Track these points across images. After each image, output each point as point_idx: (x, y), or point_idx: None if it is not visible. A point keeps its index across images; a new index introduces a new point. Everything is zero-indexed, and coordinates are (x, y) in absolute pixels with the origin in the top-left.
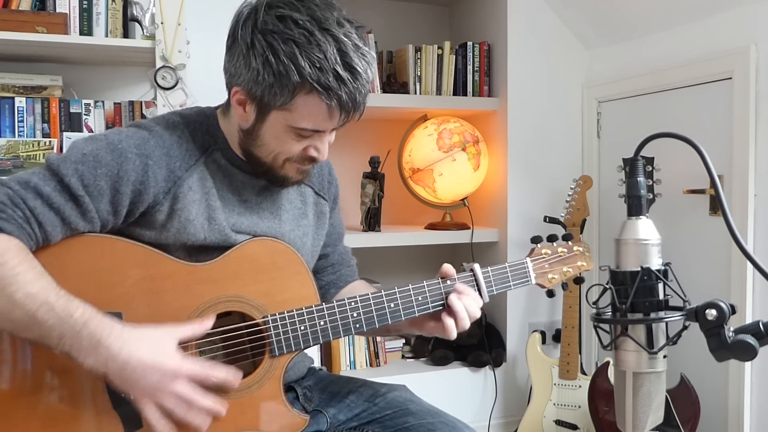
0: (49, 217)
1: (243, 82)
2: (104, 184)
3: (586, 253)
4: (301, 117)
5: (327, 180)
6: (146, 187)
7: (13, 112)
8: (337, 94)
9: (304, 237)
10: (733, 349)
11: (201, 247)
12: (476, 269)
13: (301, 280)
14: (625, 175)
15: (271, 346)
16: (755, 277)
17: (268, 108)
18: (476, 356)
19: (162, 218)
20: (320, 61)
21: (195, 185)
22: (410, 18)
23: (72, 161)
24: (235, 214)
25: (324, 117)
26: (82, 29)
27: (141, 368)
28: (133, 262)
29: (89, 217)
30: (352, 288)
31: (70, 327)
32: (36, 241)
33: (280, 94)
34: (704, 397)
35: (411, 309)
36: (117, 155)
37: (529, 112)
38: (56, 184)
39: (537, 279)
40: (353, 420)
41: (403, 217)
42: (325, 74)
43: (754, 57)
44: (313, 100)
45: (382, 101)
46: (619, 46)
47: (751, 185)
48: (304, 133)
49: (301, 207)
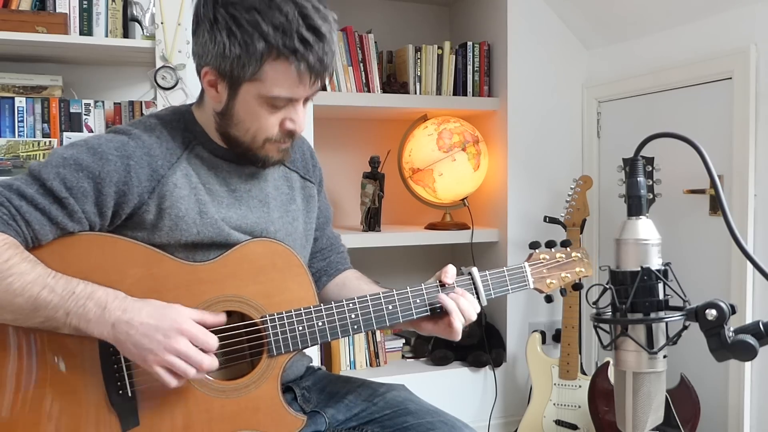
0: (35, 216)
1: (211, 60)
2: (87, 186)
3: (585, 259)
4: (273, 84)
5: (311, 163)
6: (130, 187)
7: (13, 112)
8: (305, 57)
9: (294, 222)
10: (733, 349)
11: (196, 244)
12: (474, 273)
13: (300, 281)
14: (625, 175)
15: (269, 346)
16: (755, 277)
17: (239, 81)
18: (476, 356)
19: (151, 218)
20: (282, 24)
21: (180, 182)
22: (410, 18)
23: (53, 165)
24: (225, 207)
25: (295, 82)
26: (82, 29)
27: (144, 327)
28: (134, 261)
29: (77, 217)
30: (344, 279)
31: (75, 301)
32: (24, 238)
33: (248, 64)
34: (704, 397)
35: (409, 312)
36: (98, 158)
37: (529, 112)
38: (38, 187)
39: (535, 284)
40: (352, 420)
41: (403, 217)
42: (289, 37)
43: (754, 57)
44: (281, 65)
45: (382, 101)
46: (619, 46)
47: (751, 185)
48: (278, 103)
49: (289, 192)
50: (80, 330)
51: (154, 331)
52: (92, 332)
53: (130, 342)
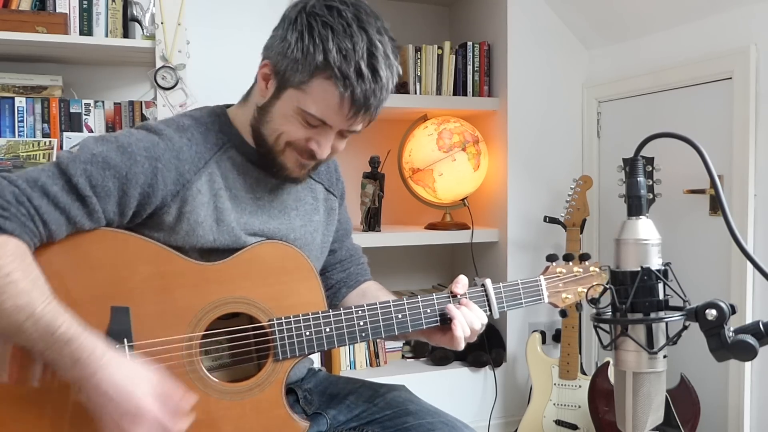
0: (54, 216)
1: (273, 54)
2: (112, 186)
3: (603, 275)
4: (313, 101)
5: (335, 177)
6: (154, 189)
7: (13, 112)
8: (353, 86)
9: (314, 233)
10: (733, 349)
11: (212, 249)
12: (488, 284)
13: (309, 285)
14: (625, 175)
15: (275, 350)
16: (755, 277)
17: (286, 84)
18: (476, 356)
19: (170, 220)
20: (347, 50)
21: (204, 188)
22: (410, 18)
23: (81, 161)
24: (247, 214)
25: (334, 107)
26: (82, 29)
27: (107, 397)
28: (145, 259)
29: (96, 217)
30: (363, 290)
31: (53, 343)
32: (40, 238)
33: (300, 71)
34: (704, 397)
35: (419, 321)
36: (126, 157)
37: (529, 112)
38: (64, 183)
39: (550, 298)
40: (353, 420)
41: (403, 217)
42: (347, 64)
43: (754, 57)
44: (328, 86)
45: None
46: (619, 46)
47: (751, 185)
48: (311, 121)
49: (313, 203)
50: (54, 367)
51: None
52: (62, 376)
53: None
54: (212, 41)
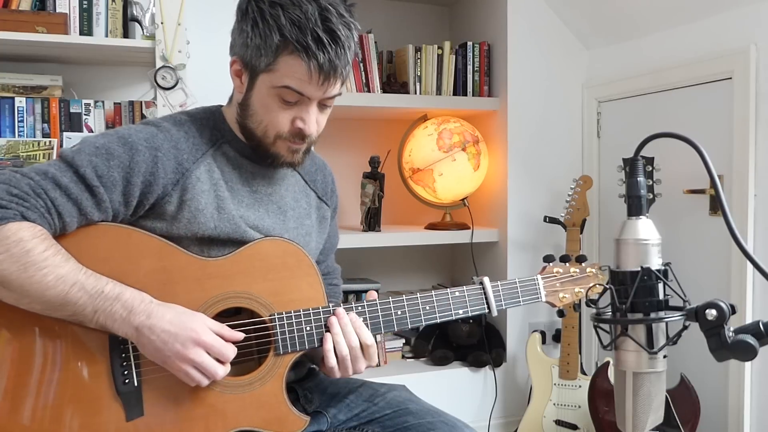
0: (67, 208)
1: (237, 49)
2: (117, 175)
3: (600, 276)
4: (284, 76)
5: (330, 188)
6: (156, 178)
7: (13, 112)
8: (316, 55)
9: (307, 236)
10: (733, 349)
11: (212, 239)
12: (486, 283)
13: (310, 281)
14: (625, 175)
15: (276, 344)
16: (755, 277)
17: (256, 72)
18: (476, 356)
19: (172, 209)
20: (300, 21)
21: (203, 176)
22: (410, 18)
23: (86, 153)
24: (244, 206)
25: (305, 78)
26: (82, 29)
27: (165, 335)
28: (148, 253)
29: (104, 207)
30: None
31: (103, 301)
32: (54, 230)
33: (264, 55)
34: (704, 397)
35: (418, 317)
36: (128, 148)
37: (529, 112)
38: (72, 174)
39: (547, 297)
40: (353, 420)
41: (403, 217)
42: (303, 34)
43: (754, 57)
44: (294, 60)
45: (382, 101)
46: (619, 46)
47: (751, 185)
48: (288, 97)
49: (306, 207)
50: (106, 327)
51: (173, 340)
52: (117, 331)
53: (151, 346)
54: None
